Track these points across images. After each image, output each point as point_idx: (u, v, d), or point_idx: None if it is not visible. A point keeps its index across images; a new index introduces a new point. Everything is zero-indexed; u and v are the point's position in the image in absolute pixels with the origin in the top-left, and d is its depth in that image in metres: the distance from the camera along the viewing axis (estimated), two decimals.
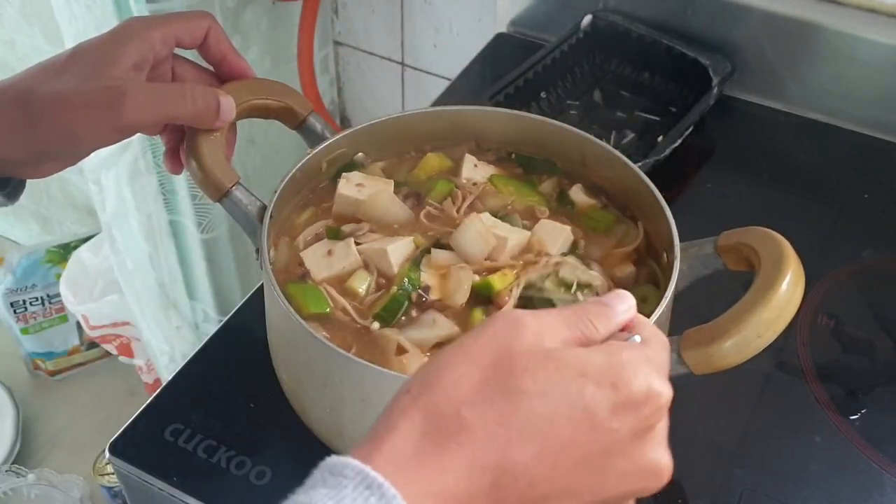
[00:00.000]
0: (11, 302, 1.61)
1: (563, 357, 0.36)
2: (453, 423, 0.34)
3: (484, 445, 0.34)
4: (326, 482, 0.32)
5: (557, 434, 0.34)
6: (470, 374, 0.35)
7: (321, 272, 0.58)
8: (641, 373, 0.36)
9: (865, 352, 0.69)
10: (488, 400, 0.34)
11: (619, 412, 0.35)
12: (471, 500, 0.33)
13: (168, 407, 0.63)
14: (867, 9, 0.83)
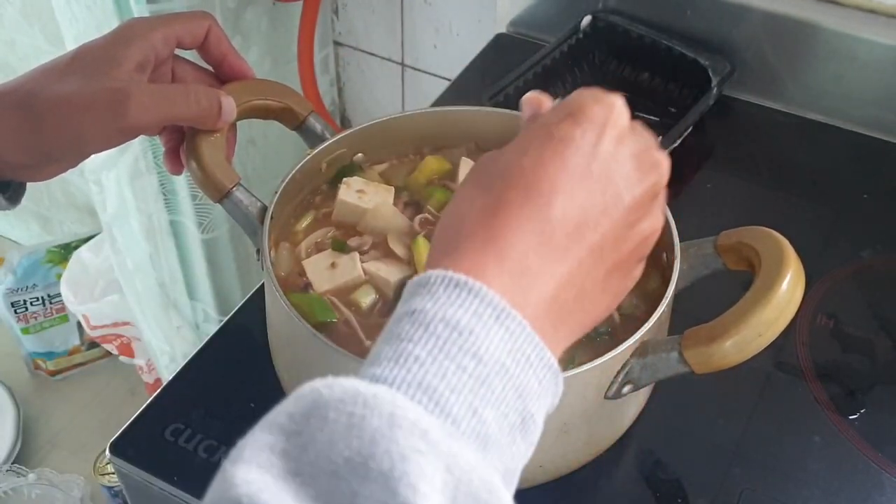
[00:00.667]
0: (12, 302, 1.61)
1: (530, 128, 0.41)
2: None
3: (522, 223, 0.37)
4: (419, 292, 0.35)
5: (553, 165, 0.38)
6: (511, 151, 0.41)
7: (323, 284, 0.58)
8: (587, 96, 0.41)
9: (865, 351, 0.69)
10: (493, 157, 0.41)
11: (589, 131, 0.39)
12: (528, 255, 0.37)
13: (168, 407, 0.63)
14: (866, 9, 0.83)
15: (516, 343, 0.35)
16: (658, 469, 0.61)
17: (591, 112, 0.40)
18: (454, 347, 0.33)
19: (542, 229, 0.37)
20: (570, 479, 0.57)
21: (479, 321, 0.34)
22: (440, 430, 0.30)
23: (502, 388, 0.34)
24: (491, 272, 0.36)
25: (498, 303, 0.35)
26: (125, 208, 1.17)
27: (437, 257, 0.38)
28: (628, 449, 0.61)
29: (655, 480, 0.60)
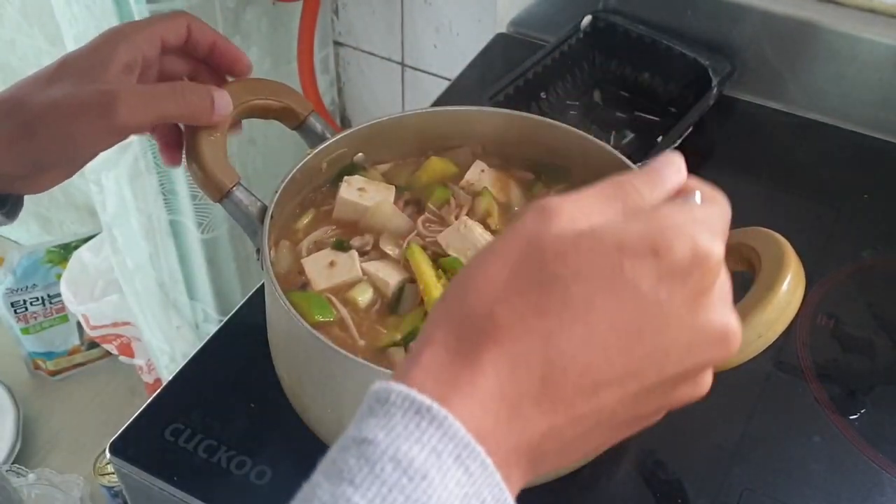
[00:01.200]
0: (12, 302, 1.61)
1: (596, 233, 0.32)
2: (487, 322, 0.32)
3: (522, 339, 0.31)
4: (374, 411, 0.31)
5: (600, 314, 0.31)
6: (500, 272, 0.33)
7: (322, 282, 0.58)
8: (685, 233, 0.32)
9: (865, 352, 0.69)
10: (521, 293, 0.32)
11: (665, 281, 0.32)
12: (522, 399, 0.31)
13: (168, 407, 0.63)
14: (867, 9, 0.83)
15: (475, 487, 0.30)
16: (658, 469, 0.61)
17: (679, 259, 0.32)
18: (400, 496, 0.29)
19: (552, 375, 0.32)
20: (571, 479, 0.57)
21: (436, 461, 0.29)
22: None
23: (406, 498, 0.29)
24: (469, 397, 0.31)
25: (463, 439, 0.30)
26: (125, 208, 1.17)
27: (420, 344, 0.33)
28: (628, 449, 0.61)
29: (655, 480, 0.60)
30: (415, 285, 0.57)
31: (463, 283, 0.34)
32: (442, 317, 0.33)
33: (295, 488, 0.32)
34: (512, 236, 0.33)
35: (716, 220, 0.34)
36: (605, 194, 0.34)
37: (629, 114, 0.88)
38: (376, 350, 0.55)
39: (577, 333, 0.32)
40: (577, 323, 0.31)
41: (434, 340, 0.33)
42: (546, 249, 0.32)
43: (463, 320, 0.32)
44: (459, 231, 0.59)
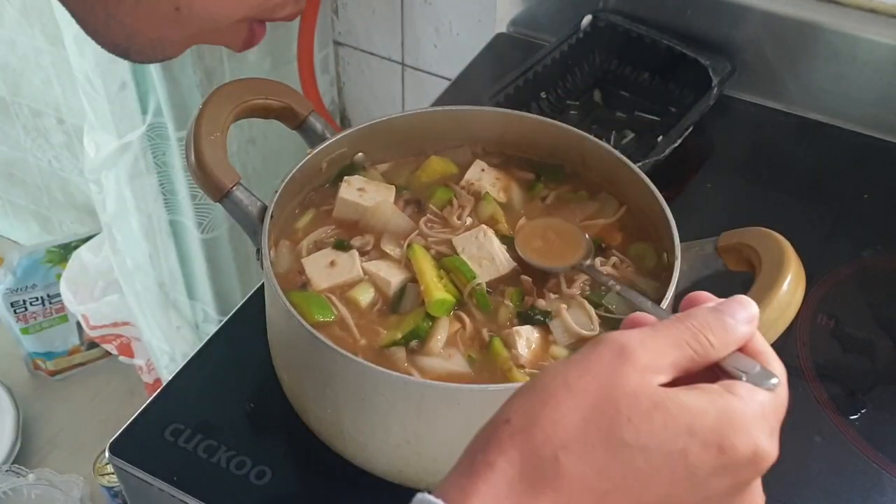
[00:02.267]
0: (12, 302, 1.61)
1: (671, 410, 0.34)
2: (551, 467, 0.33)
3: (579, 494, 0.33)
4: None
5: (654, 490, 0.34)
6: (571, 415, 0.34)
7: (322, 282, 0.58)
8: (751, 435, 0.34)
9: (865, 352, 0.69)
10: (589, 448, 0.33)
11: (720, 473, 0.34)
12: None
13: (168, 407, 0.63)
14: (867, 9, 0.83)
15: None
16: None
17: (740, 457, 0.34)
18: None
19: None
20: None
21: None
22: None
23: None
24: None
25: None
26: (125, 208, 1.17)
27: (479, 464, 0.34)
28: None
29: None
30: (416, 285, 0.57)
31: (533, 410, 0.34)
32: (507, 441, 0.34)
33: (295, 488, 0.32)
34: (587, 376, 0.34)
35: (779, 412, 0.37)
36: (679, 341, 0.36)
37: (629, 114, 0.88)
38: (377, 350, 0.55)
39: (628, 500, 0.33)
40: (630, 494, 0.33)
41: (495, 467, 0.33)
42: (620, 409, 0.33)
43: (528, 456, 0.33)
44: (478, 238, 0.59)
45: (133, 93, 1.06)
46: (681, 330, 0.36)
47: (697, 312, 0.37)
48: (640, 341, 0.35)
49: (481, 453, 0.34)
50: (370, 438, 0.54)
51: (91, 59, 1.01)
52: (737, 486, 0.35)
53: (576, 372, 0.35)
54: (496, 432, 0.34)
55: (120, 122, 1.07)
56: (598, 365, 0.35)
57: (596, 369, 0.34)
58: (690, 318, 0.37)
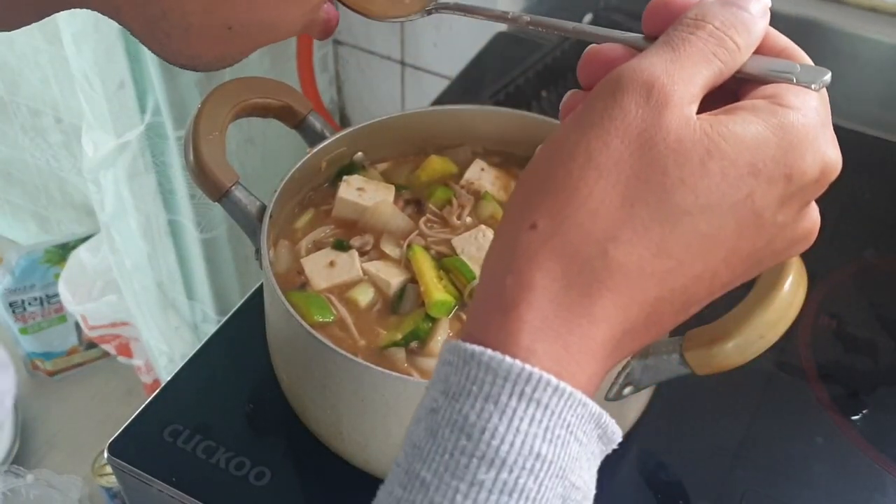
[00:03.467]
0: (10, 302, 1.61)
1: (727, 152, 0.28)
2: (601, 265, 0.28)
3: (640, 283, 0.28)
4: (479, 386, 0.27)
5: (721, 249, 0.29)
6: (609, 196, 0.28)
7: (321, 282, 0.58)
8: (818, 150, 0.30)
9: (867, 352, 0.68)
10: (640, 230, 0.28)
11: (788, 203, 0.30)
12: (626, 337, 0.29)
13: (167, 407, 0.63)
14: (868, 8, 0.83)
15: (553, 419, 0.27)
16: (660, 470, 0.61)
17: (809, 179, 0.30)
18: (464, 458, 0.26)
19: (658, 309, 0.29)
20: None
21: (496, 410, 0.26)
22: None
23: (537, 485, 0.26)
24: (580, 355, 0.28)
25: (524, 376, 0.27)
26: (123, 208, 1.17)
27: (515, 287, 0.28)
28: (630, 450, 0.60)
29: (657, 482, 0.60)
30: (416, 286, 0.57)
31: (560, 204, 0.28)
32: (539, 250, 0.28)
33: (294, 489, 0.32)
34: (616, 138, 0.28)
35: (829, 109, 0.32)
36: (706, 54, 0.29)
37: None
38: (376, 350, 0.55)
39: (694, 270, 0.29)
40: (697, 261, 0.29)
41: (534, 286, 0.28)
42: (668, 170, 0.28)
43: (571, 261, 0.28)
44: (477, 239, 0.59)
45: (131, 92, 1.06)
46: (704, 39, 0.30)
47: (710, 12, 0.30)
48: (666, 72, 0.28)
49: (510, 274, 0.28)
50: (370, 439, 0.54)
51: (89, 58, 1.01)
52: (801, 208, 0.31)
53: (600, 140, 0.28)
54: (522, 244, 0.28)
55: (118, 122, 1.07)
56: (626, 121, 0.28)
57: (623, 127, 0.28)
58: (707, 19, 0.30)
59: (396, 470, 0.28)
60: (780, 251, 0.31)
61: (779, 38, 0.32)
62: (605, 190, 0.28)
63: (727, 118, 0.29)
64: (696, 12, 0.30)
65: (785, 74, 0.31)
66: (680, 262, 0.28)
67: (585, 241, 0.28)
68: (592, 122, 0.29)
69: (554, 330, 0.28)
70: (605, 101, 0.29)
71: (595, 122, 0.29)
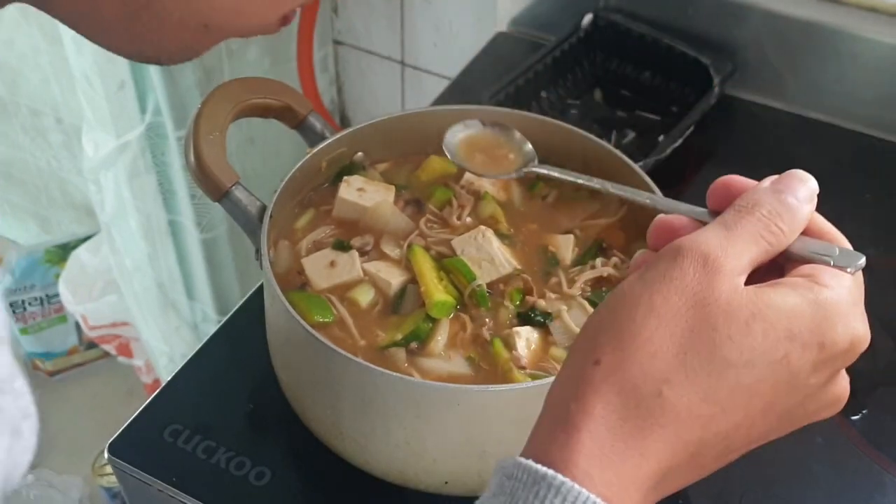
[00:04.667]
0: (10, 302, 1.61)
1: (768, 317, 0.32)
2: (655, 404, 0.31)
3: (687, 424, 0.32)
4: (528, 496, 0.30)
5: (759, 401, 0.33)
6: (666, 344, 0.32)
7: (322, 282, 0.58)
8: (849, 326, 0.34)
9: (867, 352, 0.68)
10: (691, 376, 0.31)
11: (820, 369, 0.34)
12: (670, 473, 0.32)
13: (167, 407, 0.63)
14: (868, 8, 0.83)
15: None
16: None
17: (840, 350, 0.34)
18: None
19: (701, 452, 0.33)
20: None
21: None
22: None
23: None
24: (630, 483, 0.31)
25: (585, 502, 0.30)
26: (123, 208, 1.17)
27: (576, 413, 0.32)
28: None
29: None
30: (416, 286, 0.57)
31: (623, 345, 0.32)
32: (601, 384, 0.32)
33: (294, 489, 0.32)
34: (675, 295, 0.32)
35: (862, 291, 0.36)
36: (755, 235, 0.34)
37: (630, 113, 0.88)
38: (376, 350, 0.55)
39: (736, 418, 0.33)
40: (738, 410, 0.32)
41: (594, 415, 0.31)
42: (718, 327, 0.32)
43: (629, 397, 0.31)
44: (476, 240, 0.59)
45: (132, 92, 1.06)
46: (753, 223, 0.34)
47: (761, 199, 0.35)
48: (720, 246, 0.33)
49: (574, 402, 0.32)
50: (370, 439, 0.54)
51: (90, 59, 1.01)
52: (833, 374, 0.35)
53: (661, 295, 0.32)
54: (587, 376, 0.32)
55: (119, 122, 1.07)
56: (684, 282, 0.32)
57: (682, 287, 0.32)
58: (757, 206, 0.35)
59: None
60: (812, 413, 0.36)
61: (823, 223, 0.37)
62: (663, 337, 0.32)
63: (770, 290, 0.33)
64: (750, 198, 0.35)
65: (824, 257, 0.35)
66: (723, 409, 0.32)
67: (643, 380, 0.32)
68: (655, 279, 0.33)
69: (609, 458, 0.31)
70: (668, 263, 0.33)
71: (657, 279, 0.33)
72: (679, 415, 0.31)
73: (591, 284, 0.58)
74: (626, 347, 0.32)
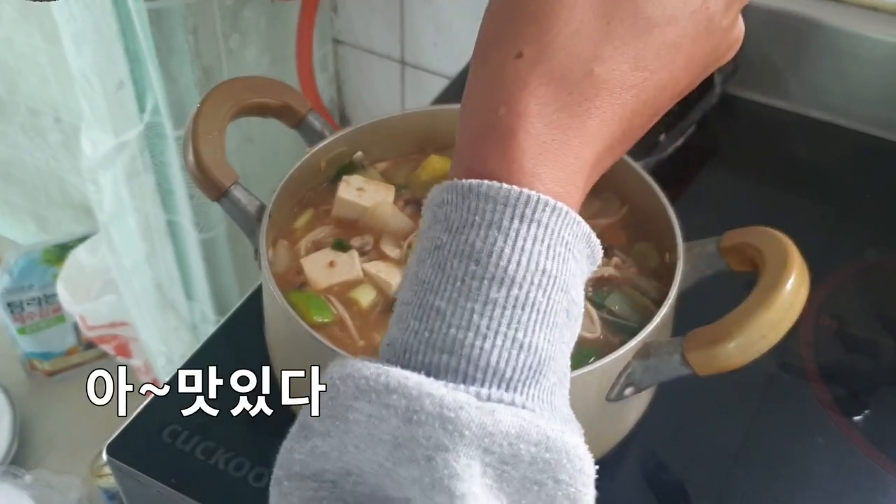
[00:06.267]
0: (8, 302, 1.61)
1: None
2: (587, 84, 0.30)
3: (622, 97, 0.30)
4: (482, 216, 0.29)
5: (681, 56, 0.32)
6: (588, 16, 0.30)
7: (321, 282, 0.58)
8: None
9: (869, 352, 0.68)
10: (619, 46, 0.30)
11: (731, 5, 0.33)
12: (606, 152, 0.31)
13: (166, 408, 0.63)
14: (869, 7, 0.83)
15: (553, 237, 0.29)
16: (661, 471, 0.61)
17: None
18: (475, 282, 0.28)
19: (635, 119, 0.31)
20: None
21: (500, 234, 0.28)
22: (469, 407, 0.27)
23: (546, 298, 0.29)
24: (574, 173, 0.30)
25: (523, 200, 0.29)
26: (122, 208, 1.17)
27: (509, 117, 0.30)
28: (630, 451, 0.60)
29: (658, 482, 0.60)
30: None
31: (541, 30, 0.30)
32: (528, 77, 0.30)
33: None
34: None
35: None
36: None
37: None
38: (376, 351, 0.55)
39: (661, 80, 0.31)
40: (664, 70, 0.31)
41: (528, 112, 0.30)
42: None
43: (560, 84, 0.30)
44: None
45: (130, 91, 1.05)
46: None
47: None
48: None
49: (504, 105, 0.30)
50: None
51: (89, 58, 1.01)
52: (738, 12, 0.35)
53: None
54: (510, 73, 0.30)
55: (117, 121, 1.07)
56: None
57: None
58: None
59: (405, 308, 0.30)
60: (721, 56, 0.35)
61: None
62: (583, 10, 0.30)
63: None
64: None
65: None
66: (652, 71, 0.31)
67: (571, 63, 0.30)
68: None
69: (552, 153, 0.30)
70: None
71: None
72: (612, 90, 0.30)
73: (593, 284, 0.58)
74: (546, 32, 0.30)
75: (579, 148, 0.30)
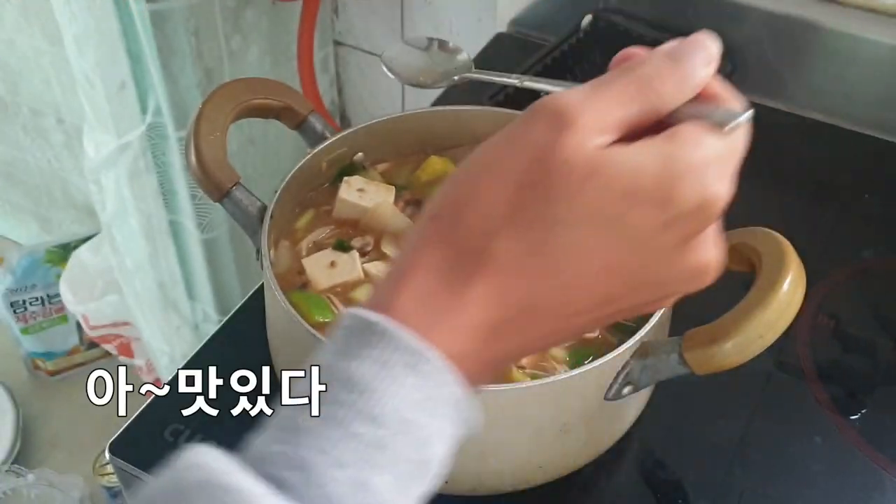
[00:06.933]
0: (11, 302, 1.61)
1: (607, 174, 0.30)
2: (482, 256, 0.31)
3: (512, 276, 0.31)
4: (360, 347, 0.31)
5: (594, 257, 0.31)
6: (500, 195, 0.31)
7: (323, 283, 0.58)
8: (700, 182, 0.31)
9: (866, 352, 0.68)
10: (520, 230, 0.31)
11: (664, 229, 0.31)
12: (503, 326, 0.32)
13: (168, 407, 0.63)
14: (867, 9, 0.83)
15: (430, 390, 0.31)
16: (658, 470, 0.61)
17: (686, 208, 0.31)
18: (350, 412, 0.30)
19: (535, 308, 0.32)
20: (570, 479, 0.57)
21: (382, 372, 0.30)
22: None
23: (404, 446, 0.31)
24: (455, 329, 0.31)
25: (411, 346, 0.31)
26: (124, 208, 1.17)
27: (407, 263, 0.33)
28: (629, 449, 0.60)
29: (656, 481, 0.60)
30: None
31: (458, 200, 0.32)
32: (433, 237, 0.32)
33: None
34: (517, 152, 0.31)
35: (734, 155, 0.33)
36: (626, 95, 0.31)
37: None
38: None
39: (568, 276, 0.32)
40: (570, 267, 0.31)
41: (421, 264, 0.32)
42: (553, 181, 0.30)
43: (457, 248, 0.32)
44: None
45: (132, 93, 1.06)
46: (629, 82, 0.31)
47: (649, 60, 0.32)
48: (580, 102, 0.31)
49: (408, 254, 0.33)
50: None
51: (91, 59, 1.01)
52: (685, 238, 0.32)
53: (504, 150, 0.32)
54: (424, 230, 0.33)
55: (119, 122, 1.07)
56: (529, 138, 0.31)
57: (525, 143, 0.31)
58: (640, 66, 0.32)
59: (278, 417, 0.34)
60: (668, 282, 0.34)
61: (724, 88, 0.34)
62: (496, 194, 0.31)
63: (623, 147, 0.31)
64: (638, 60, 0.32)
65: (705, 117, 0.32)
66: (551, 263, 0.31)
67: (472, 235, 0.32)
68: (502, 137, 0.32)
69: (430, 303, 0.32)
70: (520, 121, 0.32)
71: (504, 135, 0.32)
72: (502, 266, 0.31)
73: None
74: (462, 204, 0.32)
75: (460, 307, 0.32)
